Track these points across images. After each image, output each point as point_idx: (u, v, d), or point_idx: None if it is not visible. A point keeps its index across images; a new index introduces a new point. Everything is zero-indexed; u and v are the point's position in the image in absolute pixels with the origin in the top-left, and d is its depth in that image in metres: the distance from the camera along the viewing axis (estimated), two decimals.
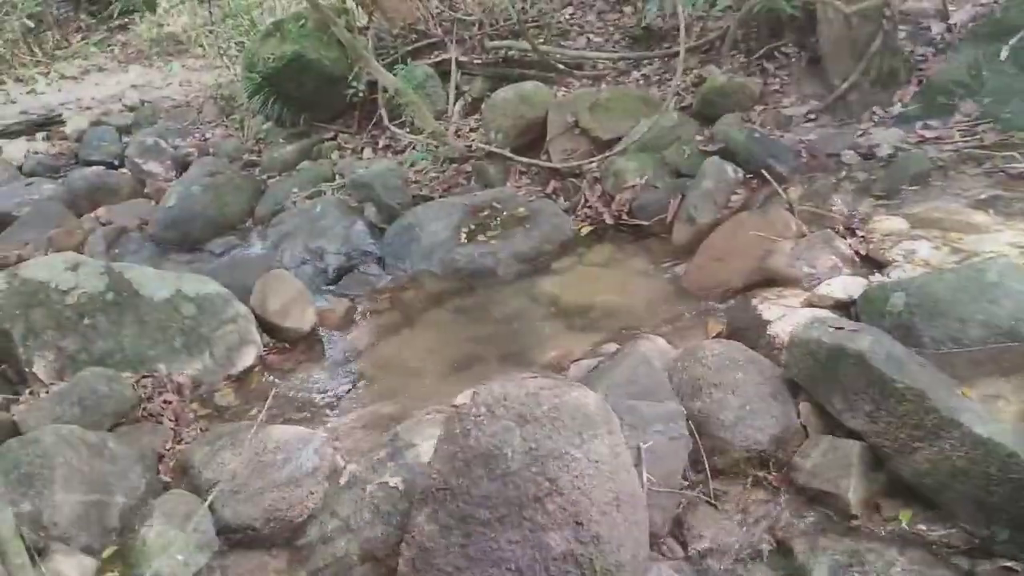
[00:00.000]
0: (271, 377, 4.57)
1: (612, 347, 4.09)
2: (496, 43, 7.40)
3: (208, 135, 8.76)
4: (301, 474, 3.48)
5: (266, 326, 4.75)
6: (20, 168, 9.02)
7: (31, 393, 4.36)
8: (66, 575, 3.23)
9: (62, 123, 9.35)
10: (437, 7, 7.71)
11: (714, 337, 4.18)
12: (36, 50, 12.04)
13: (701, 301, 4.58)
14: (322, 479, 3.52)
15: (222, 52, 8.65)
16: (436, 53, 7.53)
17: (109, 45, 12.31)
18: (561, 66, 6.99)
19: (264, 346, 4.73)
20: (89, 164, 8.77)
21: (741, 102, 5.83)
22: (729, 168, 5.12)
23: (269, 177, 7.54)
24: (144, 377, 4.40)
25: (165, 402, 4.27)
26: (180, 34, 11.80)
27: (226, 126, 8.83)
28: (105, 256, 7.03)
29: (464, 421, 2.69)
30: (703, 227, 4.94)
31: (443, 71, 7.42)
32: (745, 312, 4.15)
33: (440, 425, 3.26)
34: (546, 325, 4.77)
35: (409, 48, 7.56)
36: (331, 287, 5.72)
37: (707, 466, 3.21)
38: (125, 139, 9.08)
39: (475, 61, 7.34)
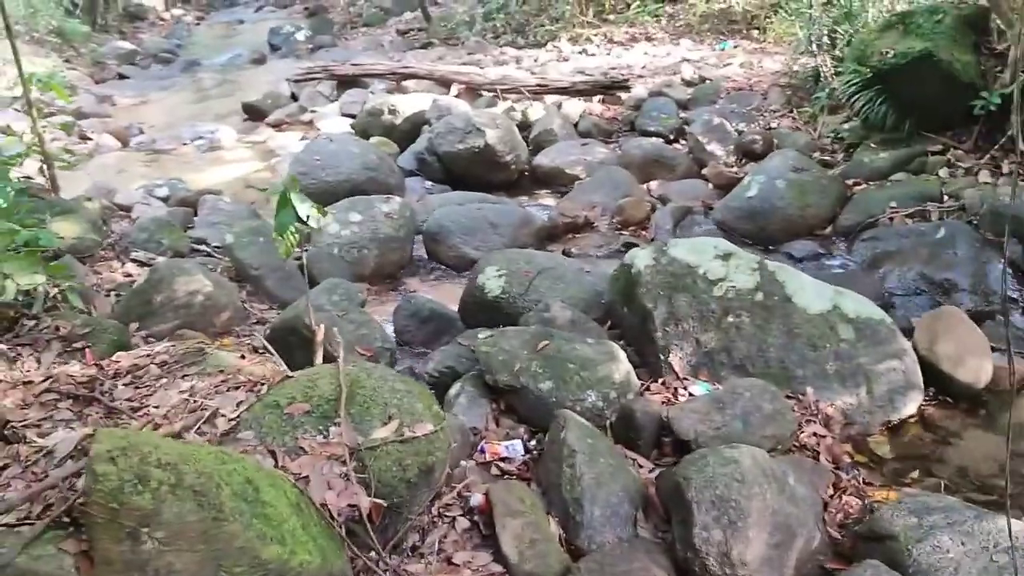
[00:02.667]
0: (931, 435, 3.82)
1: None
2: None
3: (773, 124, 8.21)
4: None
5: (929, 371, 3.99)
6: (575, 126, 9.12)
7: (663, 384, 4.02)
8: None
9: (627, 88, 9.30)
10: None
11: None
12: (589, 12, 12.32)
13: None
14: None
15: (815, 39, 7.97)
16: None
17: (657, 15, 12.29)
18: None
19: (924, 395, 3.98)
20: (645, 134, 8.63)
21: None
22: None
23: (854, 183, 6.77)
24: (788, 398, 3.86)
25: (815, 435, 3.70)
26: (735, 12, 11.41)
27: (793, 118, 8.21)
28: (671, 235, 6.76)
29: None
30: None
31: None
32: None
33: None
34: None
35: None
36: None
37: None
38: (682, 114, 8.82)
39: None
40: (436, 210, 6.88)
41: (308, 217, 3.56)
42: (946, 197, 6.14)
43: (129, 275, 6.00)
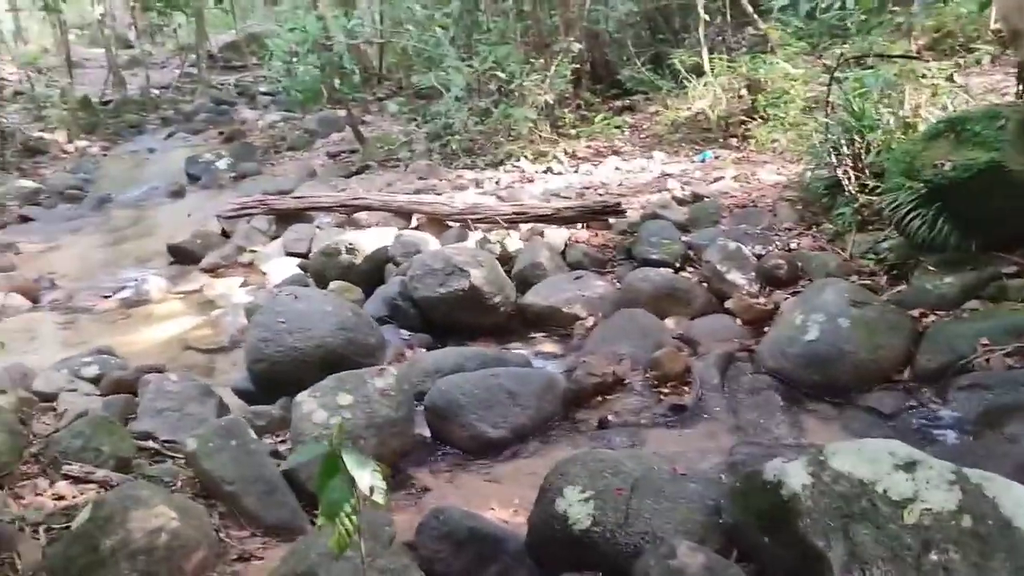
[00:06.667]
0: None
1: None
2: None
3: (792, 244, 7.33)
4: None
5: None
6: (563, 257, 8.12)
7: None
8: None
9: (620, 213, 8.35)
10: None
11: None
12: (548, 128, 11.51)
13: None
14: None
15: (833, 149, 7.19)
16: None
17: (619, 127, 11.54)
18: None
19: None
20: (647, 263, 7.65)
21: None
22: None
23: (920, 315, 5.86)
24: None
25: None
26: (708, 121, 10.72)
27: (814, 236, 7.36)
28: (720, 391, 5.72)
29: None
30: None
31: None
32: None
33: None
34: None
35: None
36: None
37: None
38: (684, 238, 7.90)
39: None
40: (439, 379, 5.72)
41: (372, 490, 2.36)
42: None
43: (61, 498, 4.63)
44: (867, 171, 7.06)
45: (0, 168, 16.06)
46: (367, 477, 2.36)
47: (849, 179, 7.10)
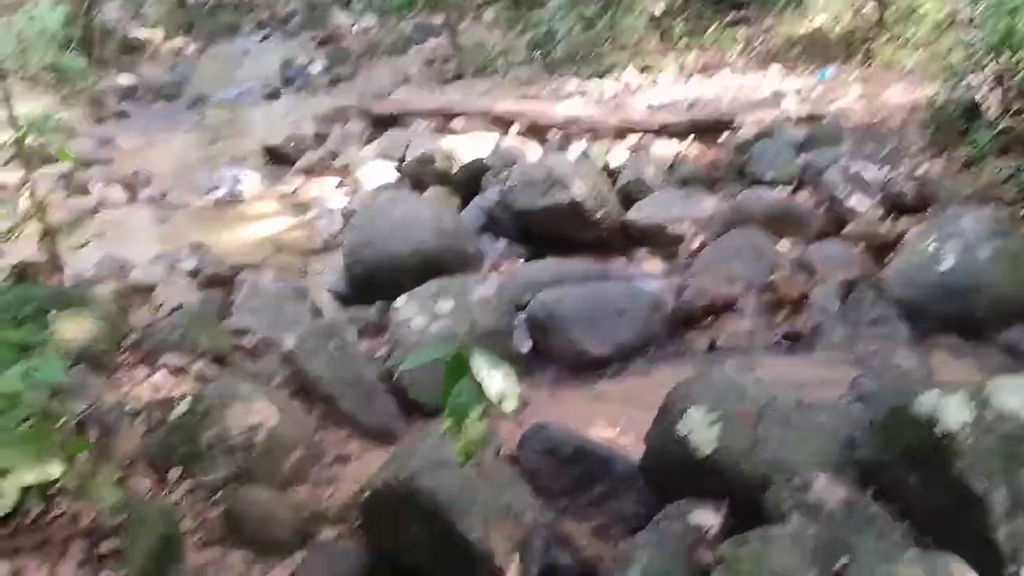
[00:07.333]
0: None
1: None
2: None
3: (921, 169, 6.81)
4: None
5: None
6: (670, 172, 7.73)
7: None
8: None
9: (733, 128, 7.90)
10: None
11: None
12: (657, 38, 10.98)
13: None
14: None
15: (975, 68, 6.61)
16: None
17: (730, 39, 10.93)
18: None
19: None
20: (759, 183, 7.21)
21: None
22: None
23: None
24: None
25: None
26: (830, 37, 10.06)
27: (945, 161, 6.82)
28: (842, 321, 5.36)
29: None
30: None
31: None
32: None
33: None
34: None
35: None
36: None
37: None
38: (801, 158, 7.41)
39: None
40: (542, 292, 5.49)
41: (502, 398, 2.14)
42: None
43: (159, 389, 4.58)
44: (1010, 92, 6.47)
45: (100, 64, 16.15)
46: (498, 381, 2.13)
47: (990, 101, 6.52)
